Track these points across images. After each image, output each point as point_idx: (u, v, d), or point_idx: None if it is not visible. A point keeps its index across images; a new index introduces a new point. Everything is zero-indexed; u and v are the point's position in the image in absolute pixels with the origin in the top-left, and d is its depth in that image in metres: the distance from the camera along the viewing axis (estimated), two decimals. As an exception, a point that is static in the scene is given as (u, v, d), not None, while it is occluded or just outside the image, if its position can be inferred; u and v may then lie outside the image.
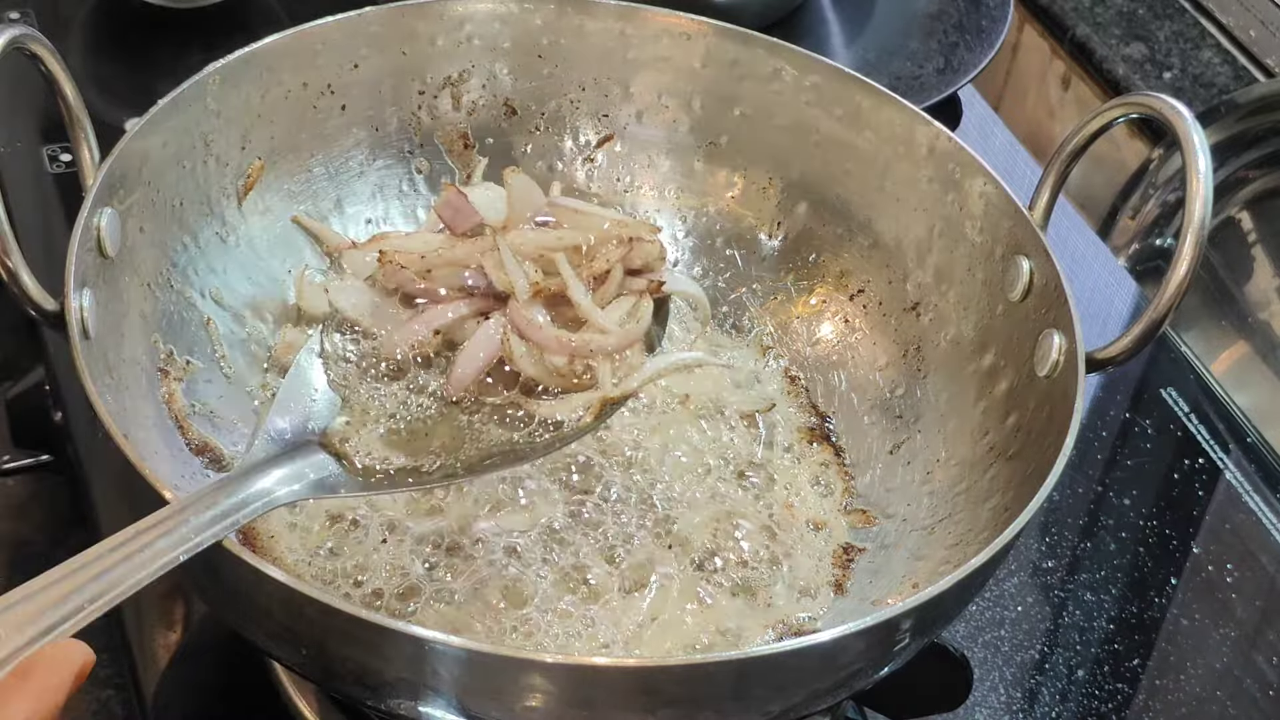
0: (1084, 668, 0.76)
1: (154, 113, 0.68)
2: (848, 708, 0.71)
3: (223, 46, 0.72)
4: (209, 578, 0.56)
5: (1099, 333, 0.70)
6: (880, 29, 1.13)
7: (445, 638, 0.51)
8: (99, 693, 0.67)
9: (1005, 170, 0.74)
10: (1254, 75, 1.23)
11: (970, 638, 0.76)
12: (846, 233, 0.80)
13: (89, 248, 0.62)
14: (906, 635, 0.57)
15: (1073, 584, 0.80)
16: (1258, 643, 0.79)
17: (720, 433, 0.75)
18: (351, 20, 0.76)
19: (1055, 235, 0.71)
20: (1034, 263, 0.70)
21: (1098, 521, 0.84)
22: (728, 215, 0.83)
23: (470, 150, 0.81)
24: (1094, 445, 0.88)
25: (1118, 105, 0.69)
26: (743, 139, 0.82)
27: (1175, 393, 0.92)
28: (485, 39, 0.80)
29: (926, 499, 0.71)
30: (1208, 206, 0.63)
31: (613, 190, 0.83)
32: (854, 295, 0.80)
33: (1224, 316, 1.11)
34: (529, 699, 0.52)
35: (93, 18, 1.05)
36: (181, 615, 0.71)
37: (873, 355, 0.78)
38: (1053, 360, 0.67)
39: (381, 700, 0.55)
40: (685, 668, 0.54)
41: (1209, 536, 0.84)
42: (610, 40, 0.81)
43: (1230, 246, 1.14)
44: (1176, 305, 0.64)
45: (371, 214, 0.79)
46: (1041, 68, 1.33)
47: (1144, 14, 1.30)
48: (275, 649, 0.59)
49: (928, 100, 1.00)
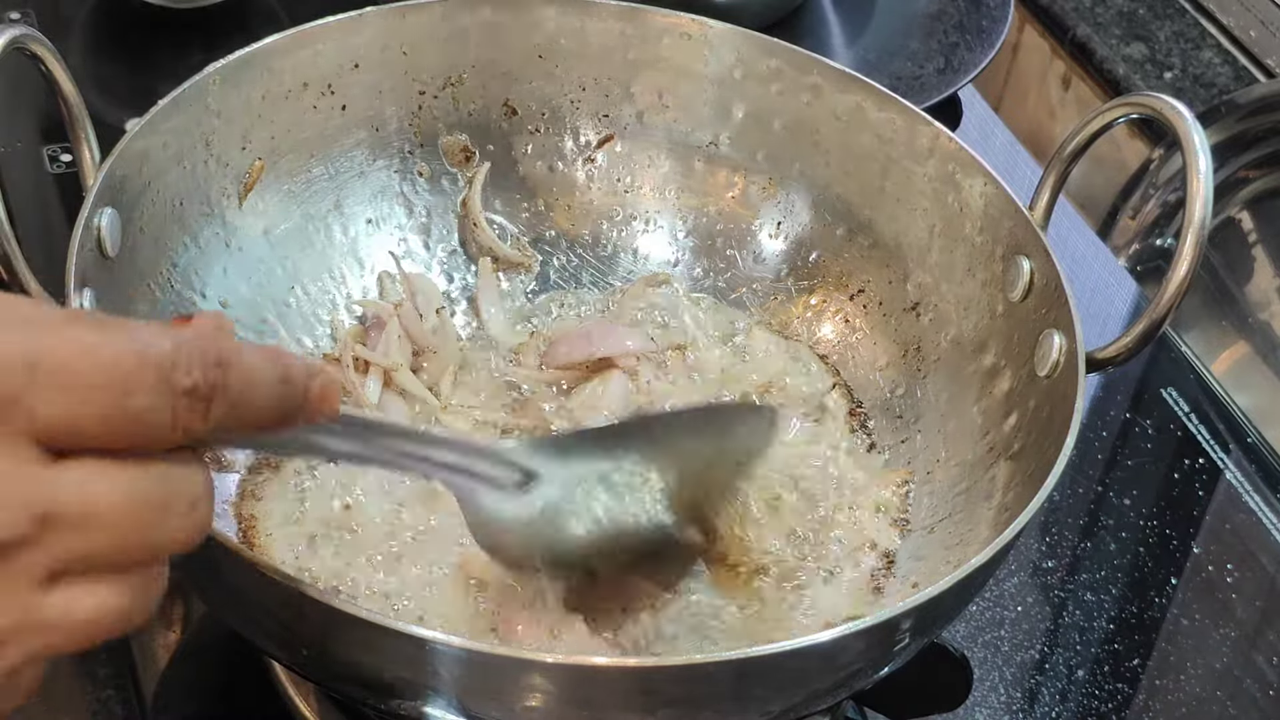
0: (1084, 668, 0.76)
1: (154, 113, 0.68)
2: (848, 708, 0.71)
3: (223, 46, 0.72)
4: (209, 578, 0.56)
5: (1099, 333, 0.70)
6: (880, 29, 1.13)
7: (445, 637, 0.51)
8: (99, 692, 0.67)
9: (1005, 170, 0.74)
10: (1254, 75, 1.23)
11: (970, 638, 0.76)
12: (847, 233, 0.80)
13: (89, 248, 0.62)
14: (906, 635, 0.57)
15: (1073, 584, 0.80)
16: (1258, 643, 0.79)
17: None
18: (352, 20, 0.76)
19: (1055, 235, 0.71)
20: (1034, 263, 0.70)
21: (1098, 521, 0.84)
22: (728, 215, 0.83)
23: (471, 161, 0.81)
24: (1094, 445, 0.88)
25: (1118, 105, 0.69)
26: (743, 139, 0.82)
27: (1175, 393, 0.92)
28: (486, 39, 0.80)
29: (926, 499, 0.71)
30: (1208, 207, 0.63)
31: (613, 190, 0.83)
32: (854, 295, 0.80)
33: (1224, 317, 1.11)
34: (529, 699, 0.52)
35: (93, 18, 1.05)
36: (181, 615, 0.72)
37: (873, 355, 0.78)
38: (1053, 360, 0.67)
39: (381, 700, 0.55)
40: (685, 668, 0.54)
41: (1209, 536, 0.84)
42: (611, 40, 0.81)
43: (1231, 247, 1.14)
44: (1177, 305, 0.64)
45: (372, 214, 0.79)
46: (1042, 68, 1.33)
47: (1144, 14, 1.30)
48: (275, 649, 0.59)
49: (928, 100, 1.00)
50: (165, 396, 0.39)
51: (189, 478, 0.41)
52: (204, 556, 0.53)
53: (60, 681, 0.67)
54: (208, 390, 0.40)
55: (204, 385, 0.39)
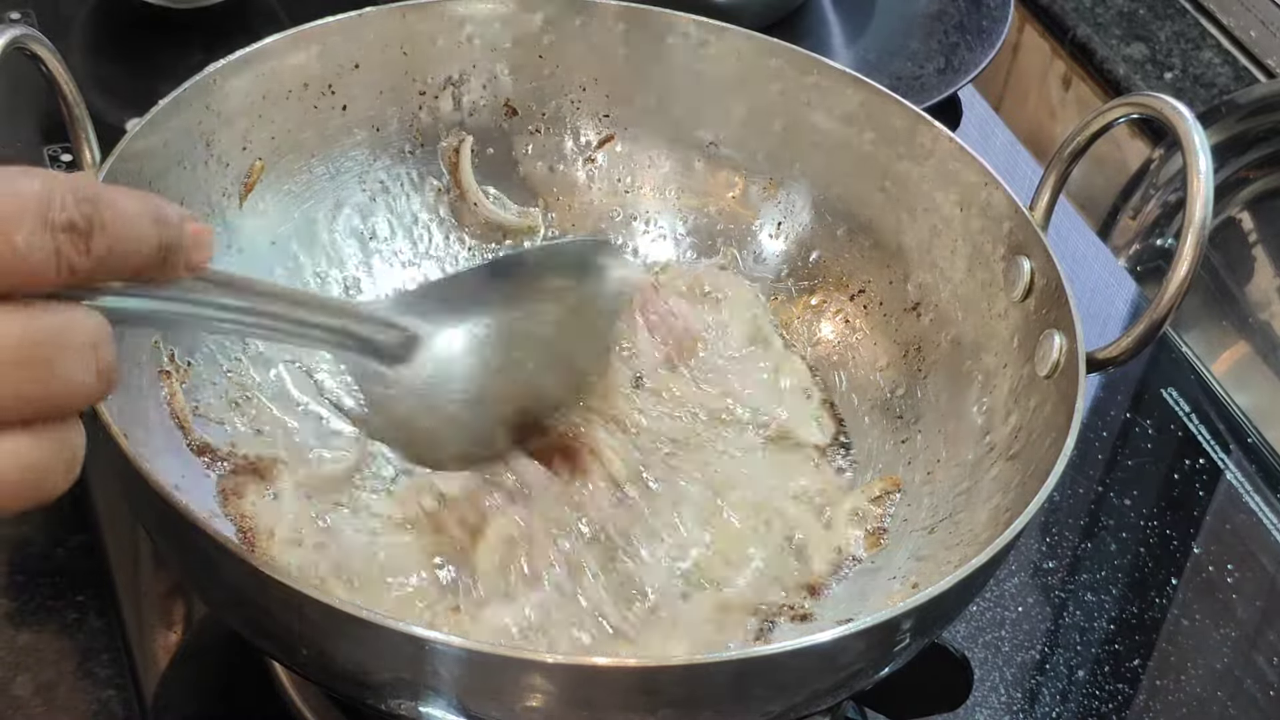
0: (1084, 668, 0.76)
1: (155, 113, 0.68)
2: (848, 708, 0.71)
3: (223, 46, 0.72)
4: (209, 578, 0.56)
5: (1100, 333, 0.70)
6: (881, 29, 1.13)
7: (445, 637, 0.51)
8: (99, 692, 0.67)
9: (1006, 170, 0.74)
10: (1255, 76, 1.23)
11: (971, 638, 0.76)
12: (847, 233, 0.80)
13: (89, 248, 0.62)
14: (907, 635, 0.57)
15: (1073, 584, 0.80)
16: (1258, 643, 0.79)
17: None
18: (352, 20, 0.76)
19: (1056, 235, 0.71)
20: (1035, 263, 0.70)
21: (1098, 522, 0.84)
22: (728, 215, 0.83)
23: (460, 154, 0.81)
24: (1094, 445, 0.88)
25: (1118, 105, 0.69)
26: (743, 139, 0.82)
27: (1176, 393, 0.92)
28: (486, 39, 0.80)
29: (927, 499, 0.71)
30: (1208, 207, 0.63)
31: (614, 190, 0.83)
32: (854, 295, 0.80)
33: (1225, 317, 1.11)
34: (529, 699, 0.52)
35: (93, 18, 1.05)
36: (181, 615, 0.72)
37: (873, 355, 0.78)
38: (1053, 361, 0.67)
39: (382, 700, 0.55)
40: (685, 668, 0.54)
41: (1210, 537, 0.84)
42: (611, 40, 0.81)
43: (1231, 247, 1.14)
44: (1177, 305, 0.64)
45: (373, 214, 0.79)
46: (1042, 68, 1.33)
47: (1145, 14, 1.30)
48: (275, 649, 0.59)
49: (928, 100, 1.00)
50: (45, 233, 0.39)
51: (84, 319, 0.41)
52: (204, 556, 0.53)
53: (60, 681, 0.67)
54: (85, 224, 0.40)
55: (80, 219, 0.40)
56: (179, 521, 0.53)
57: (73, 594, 0.71)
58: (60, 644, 0.69)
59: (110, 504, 0.73)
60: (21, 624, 0.69)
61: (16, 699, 0.66)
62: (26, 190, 0.40)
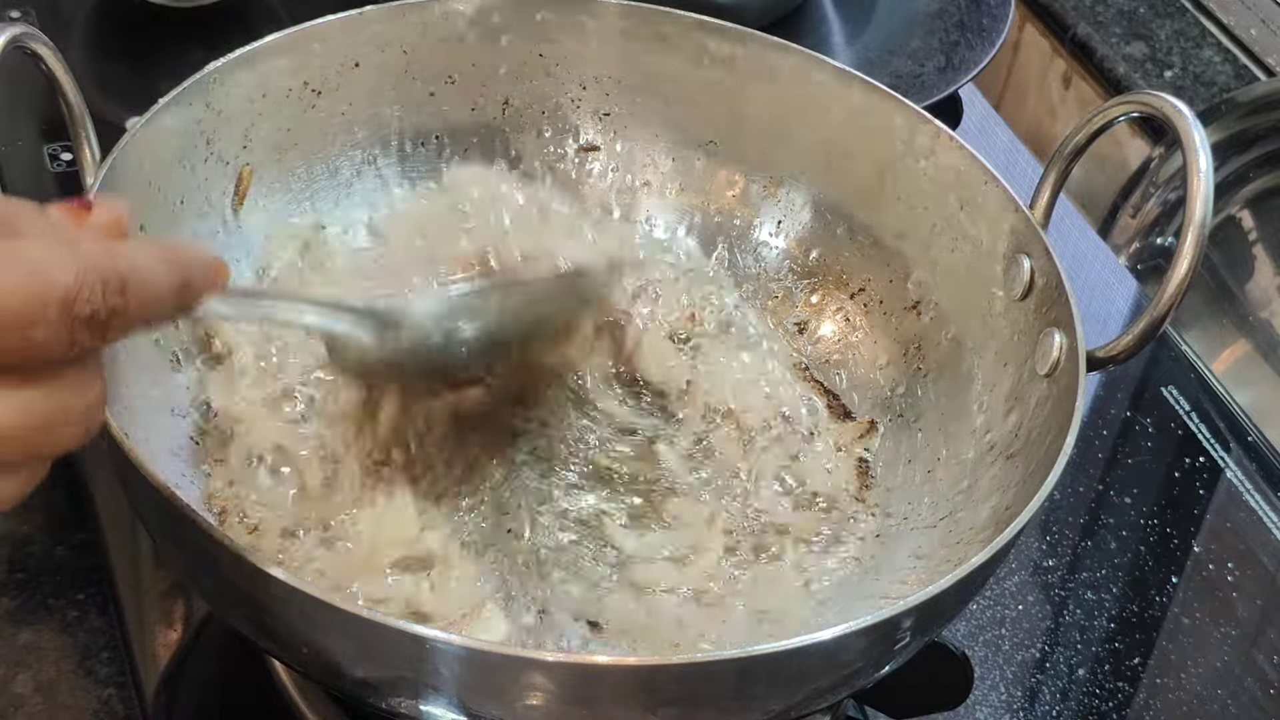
0: (1085, 666, 0.76)
1: (155, 112, 0.68)
2: (848, 706, 0.71)
3: (223, 46, 0.72)
4: (209, 576, 0.56)
5: (1100, 331, 0.70)
6: (881, 28, 1.13)
7: (446, 636, 0.51)
8: (99, 692, 0.67)
9: (1006, 169, 0.74)
10: (1255, 74, 1.23)
11: (971, 636, 0.76)
12: (847, 231, 0.80)
13: (89, 247, 0.62)
14: (907, 634, 0.57)
15: (1073, 583, 0.80)
16: (1258, 642, 0.79)
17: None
18: (352, 19, 0.76)
19: (1056, 234, 0.71)
20: (1035, 261, 0.70)
21: (1098, 520, 0.84)
22: (728, 214, 0.83)
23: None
24: (1095, 444, 0.88)
25: (1119, 104, 0.69)
26: (743, 138, 0.82)
27: (1176, 391, 0.92)
28: (486, 38, 0.80)
29: (927, 498, 0.71)
30: (1208, 205, 0.63)
31: (614, 189, 0.83)
32: (855, 294, 0.80)
33: (1225, 315, 1.11)
34: (530, 697, 0.52)
35: (93, 17, 1.05)
36: (181, 614, 0.72)
37: (873, 354, 0.78)
38: (1054, 359, 0.67)
39: (382, 699, 0.55)
40: (685, 666, 0.54)
41: (1210, 535, 0.84)
42: (611, 40, 0.81)
43: (1231, 245, 1.14)
44: (1177, 304, 0.64)
45: (372, 213, 0.79)
46: (1042, 66, 1.33)
47: (1145, 13, 1.30)
48: (275, 649, 0.59)
49: (929, 99, 1.00)
50: (65, 327, 0.39)
51: (84, 389, 0.41)
52: (204, 555, 0.53)
53: (61, 679, 0.67)
54: (107, 315, 0.40)
55: (104, 312, 0.40)
56: (179, 520, 0.53)
57: (73, 592, 0.71)
58: (61, 642, 0.69)
59: (110, 503, 0.73)
60: (22, 622, 0.69)
61: (17, 697, 0.66)
62: (59, 280, 0.38)
